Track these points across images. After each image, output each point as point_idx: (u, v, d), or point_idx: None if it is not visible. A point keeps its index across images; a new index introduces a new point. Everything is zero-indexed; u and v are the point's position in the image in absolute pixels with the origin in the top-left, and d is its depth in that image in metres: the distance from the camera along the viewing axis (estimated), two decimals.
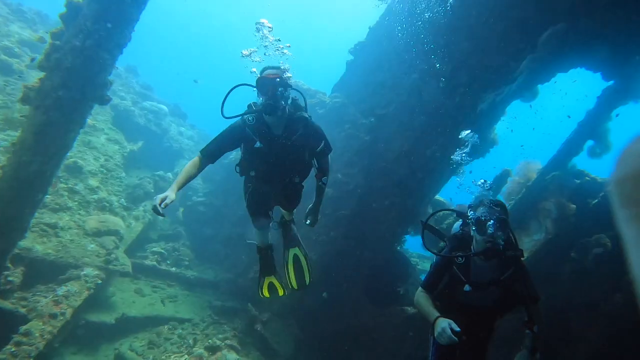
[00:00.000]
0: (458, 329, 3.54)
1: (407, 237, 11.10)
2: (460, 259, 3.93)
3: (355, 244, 10.16)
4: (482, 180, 4.51)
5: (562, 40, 7.44)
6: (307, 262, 5.28)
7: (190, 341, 9.08)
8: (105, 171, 11.67)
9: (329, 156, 4.44)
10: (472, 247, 3.95)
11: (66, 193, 10.32)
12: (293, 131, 4.10)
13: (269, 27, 4.33)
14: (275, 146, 4.09)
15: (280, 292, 5.20)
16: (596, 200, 7.72)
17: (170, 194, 3.84)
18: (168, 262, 11.16)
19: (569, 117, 7.95)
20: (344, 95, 10.94)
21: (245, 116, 4.04)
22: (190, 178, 4.14)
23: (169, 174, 13.26)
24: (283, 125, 4.08)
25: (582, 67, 7.85)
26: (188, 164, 4.16)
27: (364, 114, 10.50)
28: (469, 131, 5.70)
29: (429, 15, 9.22)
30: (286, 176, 4.34)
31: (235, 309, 10.40)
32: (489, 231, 3.74)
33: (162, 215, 3.74)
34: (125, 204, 11.36)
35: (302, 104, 4.29)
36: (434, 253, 4.25)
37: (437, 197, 11.15)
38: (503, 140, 9.66)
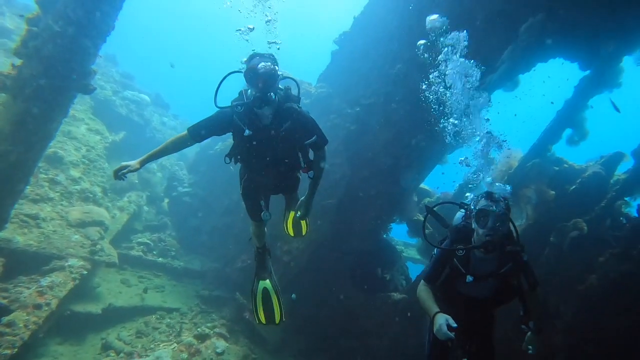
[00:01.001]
0: (455, 325, 3.60)
1: (393, 225, 11.27)
2: (460, 251, 3.96)
3: (342, 232, 10.29)
4: (463, 158, 4.59)
5: (542, 30, 7.65)
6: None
7: (179, 330, 9.12)
8: (87, 162, 11.53)
9: (325, 148, 4.35)
10: (473, 240, 3.98)
11: (47, 184, 10.17)
12: (282, 122, 4.05)
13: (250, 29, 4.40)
14: (263, 136, 4.05)
15: (277, 319, 5.07)
16: (574, 187, 7.99)
17: (135, 164, 3.97)
18: (154, 252, 11.14)
19: (552, 103, 8.18)
20: (329, 86, 11.00)
21: (234, 104, 4.02)
22: (165, 152, 4.20)
23: (153, 165, 13.18)
24: (272, 115, 4.03)
25: (561, 57, 8.09)
26: (171, 138, 4.21)
27: (349, 104, 10.59)
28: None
29: (411, 7, 9.31)
30: (277, 167, 4.28)
31: (223, 298, 10.46)
32: (489, 225, 3.76)
33: (121, 179, 3.92)
34: (109, 194, 11.26)
35: (295, 93, 4.24)
36: (435, 246, 4.28)
37: (422, 185, 11.35)
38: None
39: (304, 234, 5.61)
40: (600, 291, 6.79)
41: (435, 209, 4.58)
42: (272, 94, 3.85)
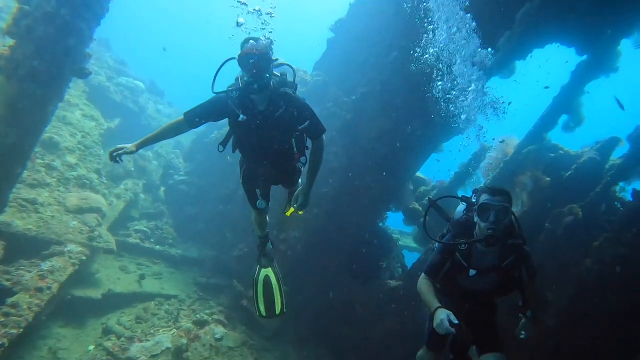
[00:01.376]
0: (456, 321, 3.62)
1: (389, 213, 11.34)
2: (462, 245, 3.95)
3: (338, 220, 10.34)
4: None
5: (538, 15, 7.69)
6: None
7: (177, 316, 9.17)
8: (83, 148, 11.47)
9: (323, 137, 4.24)
10: (474, 233, 3.98)
11: (43, 169, 10.12)
12: (276, 107, 4.01)
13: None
14: (258, 121, 4.01)
15: (277, 309, 5.16)
16: (569, 173, 8.09)
17: (131, 146, 3.91)
18: (151, 240, 11.15)
19: (547, 87, 8.25)
20: (325, 74, 10.98)
21: (229, 89, 3.98)
22: (161, 137, 4.14)
23: (149, 153, 13.14)
24: (267, 100, 3.99)
25: (557, 42, 8.13)
26: (167, 123, 4.14)
27: (345, 92, 10.58)
28: None
29: None
30: (272, 154, 4.22)
31: (221, 285, 10.53)
32: (490, 219, 3.74)
33: (116, 161, 3.86)
34: (105, 181, 11.23)
35: (290, 79, 4.19)
36: (436, 241, 4.25)
37: (418, 174, 11.42)
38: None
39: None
40: (595, 275, 6.91)
41: (438, 202, 4.62)
42: (265, 78, 3.80)
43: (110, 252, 9.74)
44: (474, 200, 4.06)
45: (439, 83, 9.13)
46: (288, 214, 5.25)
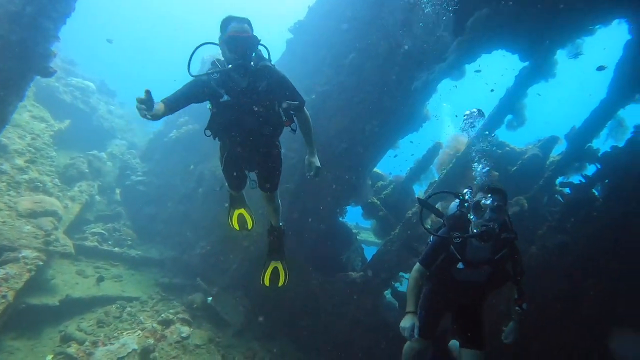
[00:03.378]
0: (417, 336, 4.06)
1: (348, 208, 11.69)
2: (457, 239, 4.10)
3: (299, 215, 10.58)
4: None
5: (486, 24, 8.28)
6: (286, 277, 5.35)
7: (142, 318, 9.10)
8: (33, 150, 11.05)
9: (305, 110, 4.37)
10: (470, 228, 4.14)
11: None
12: (258, 82, 4.02)
13: None
14: (242, 99, 4.03)
15: (250, 225, 5.36)
16: (515, 167, 8.77)
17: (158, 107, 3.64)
18: (109, 242, 10.93)
19: (492, 90, 8.86)
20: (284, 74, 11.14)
21: (210, 72, 3.99)
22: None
23: (103, 154, 12.80)
24: (248, 77, 4.00)
25: (503, 49, 8.79)
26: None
27: (305, 92, 10.71)
28: None
29: None
30: (257, 131, 4.21)
31: (183, 285, 10.50)
32: (485, 216, 3.94)
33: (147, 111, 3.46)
34: (59, 184, 10.87)
35: (265, 55, 4.17)
36: (432, 234, 4.44)
37: (376, 169, 11.85)
38: (435, 115, 10.55)
39: (279, 284, 5.46)
40: (540, 260, 7.56)
41: (429, 200, 4.89)
42: (253, 59, 3.88)
43: (67, 256, 9.48)
44: (467, 197, 4.27)
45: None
46: (267, 277, 5.33)
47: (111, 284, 10.01)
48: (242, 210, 5.37)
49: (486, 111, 9.55)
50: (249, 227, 5.42)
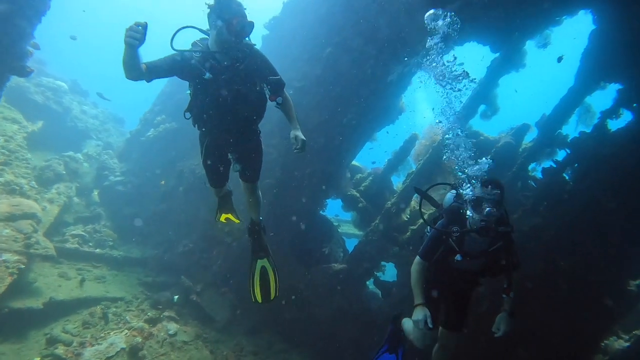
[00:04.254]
0: (431, 325, 4.07)
1: (328, 201, 11.85)
2: (456, 233, 4.18)
3: (280, 210, 10.68)
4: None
5: (457, 16, 8.51)
6: (275, 276, 5.29)
7: (128, 317, 9.10)
8: (7, 152, 10.84)
9: (285, 91, 4.40)
10: (467, 222, 4.22)
11: None
12: (239, 60, 4.07)
13: None
14: (224, 76, 4.05)
15: (236, 221, 5.30)
16: (490, 155, 9.02)
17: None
18: (90, 244, 10.83)
19: (474, 80, 9.10)
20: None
21: (192, 50, 4.02)
22: (136, 61, 3.66)
23: (79, 155, 12.63)
24: (231, 57, 4.04)
25: (474, 40, 9.04)
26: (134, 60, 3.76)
27: None
28: None
29: None
30: (239, 111, 4.19)
31: (167, 283, 10.53)
32: (484, 212, 4.00)
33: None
34: (36, 186, 10.71)
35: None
36: (432, 227, 4.51)
37: (354, 162, 12.03)
38: (410, 107, 10.77)
39: (272, 297, 5.40)
40: (517, 243, 7.85)
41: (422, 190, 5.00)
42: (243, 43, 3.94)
43: (49, 259, 9.41)
44: (467, 191, 4.29)
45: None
46: (257, 289, 5.27)
47: (94, 285, 9.96)
48: (229, 215, 5.30)
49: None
50: (236, 221, 5.41)
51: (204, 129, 4.47)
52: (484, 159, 4.56)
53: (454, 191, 4.64)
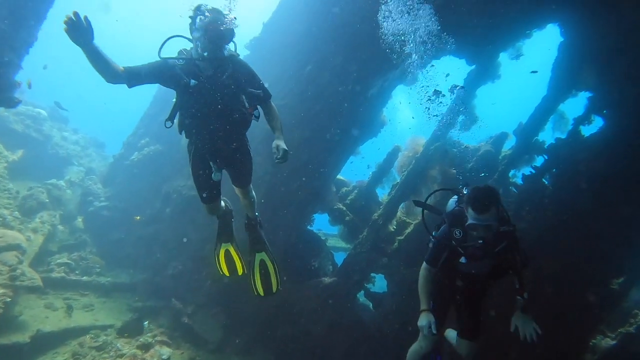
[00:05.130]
0: (435, 331, 4.19)
1: (315, 216, 11.94)
2: (458, 235, 4.22)
3: (268, 226, 10.68)
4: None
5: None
6: (275, 268, 5.31)
7: (119, 345, 8.97)
8: None
9: (271, 102, 4.48)
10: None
11: None
12: (223, 70, 4.10)
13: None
14: (209, 86, 4.07)
15: (240, 270, 5.18)
16: (471, 164, 9.32)
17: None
18: (77, 272, 10.66)
19: (461, 86, 9.37)
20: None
21: (177, 57, 4.07)
22: (103, 61, 3.67)
23: (62, 182, 12.49)
24: (214, 66, 4.08)
25: (450, 54, 9.35)
26: (111, 61, 3.79)
27: None
28: None
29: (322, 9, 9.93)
30: (224, 119, 4.19)
31: (157, 307, 10.41)
32: (478, 235, 4.06)
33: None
34: (19, 216, 10.55)
35: (232, 47, 4.27)
36: (432, 236, 4.56)
37: (339, 176, 12.17)
38: (392, 120, 11.02)
39: (274, 290, 5.41)
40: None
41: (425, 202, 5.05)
42: (224, 50, 3.97)
43: (35, 290, 9.23)
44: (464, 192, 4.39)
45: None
46: (258, 281, 5.27)
47: (82, 314, 9.80)
48: (229, 246, 5.20)
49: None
50: (239, 272, 5.22)
51: (190, 138, 4.47)
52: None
53: (455, 196, 4.69)
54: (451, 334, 5.27)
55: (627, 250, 7.98)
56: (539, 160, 8.76)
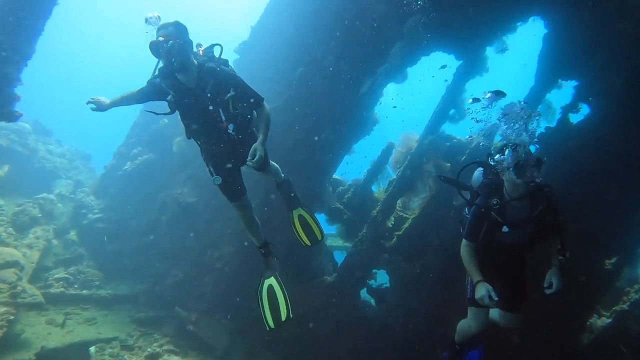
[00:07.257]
0: (496, 298, 4.04)
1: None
2: (496, 205, 4.19)
3: (267, 229, 10.74)
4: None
5: (419, 28, 9.00)
6: (314, 219, 5.72)
7: (126, 356, 8.92)
8: None
9: (265, 105, 4.68)
10: (504, 191, 4.27)
11: None
12: (205, 83, 4.29)
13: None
14: (193, 99, 4.31)
15: (284, 315, 5.00)
16: (464, 157, 9.54)
17: (106, 99, 4.68)
18: (76, 286, 10.53)
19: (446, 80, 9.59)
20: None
21: (155, 76, 4.39)
22: (126, 102, 4.67)
23: (52, 196, 12.30)
24: (195, 79, 4.28)
25: (440, 50, 9.58)
26: (129, 92, 4.71)
27: None
28: None
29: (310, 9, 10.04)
30: (223, 129, 4.43)
31: (160, 316, 10.36)
32: (528, 173, 4.07)
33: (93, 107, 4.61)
34: (13, 232, 10.37)
35: (217, 53, 4.51)
36: (471, 204, 4.53)
37: (335, 176, 12.28)
38: (384, 118, 11.19)
39: (319, 238, 5.77)
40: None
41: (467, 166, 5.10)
42: (177, 62, 4.09)
43: (36, 307, 9.12)
44: (499, 159, 4.35)
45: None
46: (300, 230, 5.72)
47: (85, 328, 9.69)
48: (272, 281, 5.16)
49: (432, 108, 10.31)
50: (283, 317, 4.97)
51: (198, 143, 4.79)
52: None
53: (480, 169, 4.76)
54: (493, 312, 5.14)
55: (618, 232, 8.31)
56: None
